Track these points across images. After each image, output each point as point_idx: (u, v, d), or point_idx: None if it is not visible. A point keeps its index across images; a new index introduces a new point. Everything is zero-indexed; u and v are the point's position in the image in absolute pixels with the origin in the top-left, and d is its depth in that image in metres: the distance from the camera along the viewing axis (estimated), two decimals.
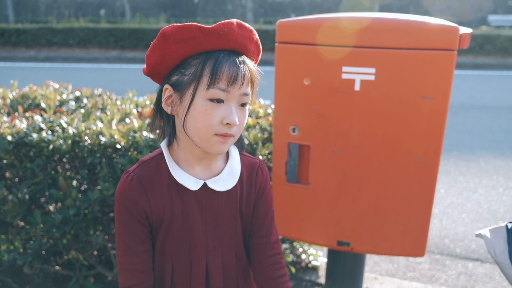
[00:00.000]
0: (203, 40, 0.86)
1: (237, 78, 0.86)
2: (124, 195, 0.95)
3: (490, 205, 3.47)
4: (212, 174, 0.98)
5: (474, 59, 10.32)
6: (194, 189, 0.95)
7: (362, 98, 1.47)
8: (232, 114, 0.87)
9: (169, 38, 0.87)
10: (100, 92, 2.64)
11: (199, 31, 0.86)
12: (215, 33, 0.86)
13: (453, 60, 1.41)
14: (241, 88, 0.88)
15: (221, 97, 0.87)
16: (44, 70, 9.23)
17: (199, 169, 0.97)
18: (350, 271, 1.82)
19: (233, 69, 0.86)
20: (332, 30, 1.46)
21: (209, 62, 0.86)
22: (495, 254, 1.12)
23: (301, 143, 1.57)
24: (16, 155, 1.89)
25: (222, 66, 0.86)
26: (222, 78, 0.86)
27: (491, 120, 5.81)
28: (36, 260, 2.00)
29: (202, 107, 0.87)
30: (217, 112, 0.87)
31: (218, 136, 0.89)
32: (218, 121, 0.87)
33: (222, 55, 0.87)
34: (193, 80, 0.87)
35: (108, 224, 2.00)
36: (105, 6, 15.42)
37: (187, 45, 0.87)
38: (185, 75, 0.89)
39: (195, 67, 0.87)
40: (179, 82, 0.90)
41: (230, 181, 0.99)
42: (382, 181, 1.53)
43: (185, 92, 0.89)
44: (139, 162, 0.99)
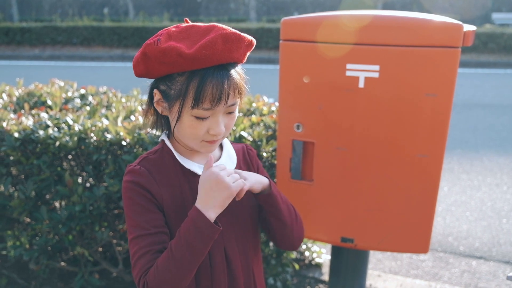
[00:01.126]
0: (185, 65, 0.86)
1: (220, 99, 0.88)
2: (134, 181, 0.95)
3: (494, 203, 3.47)
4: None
5: (478, 57, 10.27)
6: (200, 173, 0.98)
7: (366, 95, 1.48)
8: (218, 126, 0.92)
9: (150, 58, 0.88)
10: (105, 90, 2.65)
11: (179, 56, 0.85)
12: (196, 59, 0.85)
13: (457, 57, 1.42)
14: (226, 103, 0.90)
15: (206, 115, 0.90)
16: (48, 69, 9.27)
17: (199, 157, 1.02)
18: (354, 268, 1.83)
19: (216, 89, 0.86)
20: (336, 28, 1.46)
21: (193, 83, 0.87)
22: None
23: (305, 140, 1.58)
24: (23, 151, 1.91)
25: (206, 89, 0.86)
26: (206, 101, 0.87)
27: (495, 118, 5.79)
28: (42, 256, 2.02)
29: (188, 122, 0.91)
30: (203, 126, 0.91)
31: (204, 142, 0.94)
32: (204, 132, 0.92)
33: (206, 75, 0.86)
34: (179, 98, 0.89)
35: (113, 220, 2.02)
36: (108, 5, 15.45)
37: (170, 67, 0.88)
38: (171, 89, 0.91)
39: (180, 85, 0.89)
40: (167, 94, 0.92)
41: (230, 164, 1.04)
42: (386, 178, 1.53)
43: (172, 105, 0.92)
44: (141, 157, 1.01)
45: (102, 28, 11.51)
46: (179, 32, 0.91)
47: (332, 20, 1.48)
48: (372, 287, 2.36)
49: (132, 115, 2.07)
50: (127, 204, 0.96)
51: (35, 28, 11.58)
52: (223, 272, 1.02)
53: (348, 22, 1.46)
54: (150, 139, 1.77)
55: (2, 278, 2.30)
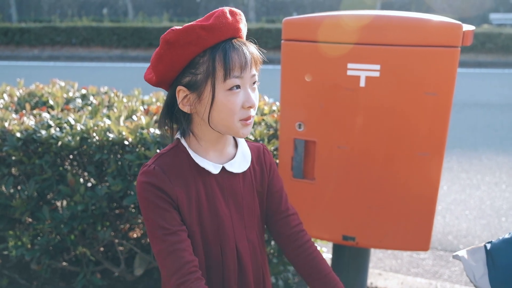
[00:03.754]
0: (207, 37, 0.89)
1: (246, 62, 0.91)
2: (149, 182, 0.95)
3: (493, 201, 3.48)
4: (226, 159, 1.03)
5: (476, 57, 10.31)
6: (215, 172, 0.99)
7: (367, 94, 1.49)
8: (250, 97, 0.94)
9: (174, 44, 0.89)
10: (106, 90, 2.66)
11: (203, 29, 0.88)
12: (216, 28, 0.89)
13: (456, 56, 1.43)
14: (251, 70, 0.93)
15: (238, 83, 0.92)
16: (48, 69, 9.26)
17: (214, 156, 1.02)
18: (355, 266, 1.84)
19: (241, 55, 0.91)
20: (338, 28, 1.47)
21: (218, 56, 0.90)
22: (475, 279, 1.05)
23: (306, 139, 1.59)
24: (25, 151, 1.92)
25: (232, 56, 0.90)
26: (235, 67, 0.90)
27: (494, 117, 5.81)
28: (43, 256, 2.03)
29: (225, 98, 0.91)
30: (238, 99, 0.93)
31: (242, 121, 0.94)
32: (240, 107, 0.93)
33: (227, 45, 0.91)
34: (208, 77, 0.90)
35: (115, 220, 2.03)
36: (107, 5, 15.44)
37: (194, 46, 0.89)
38: (197, 74, 0.92)
39: (206, 64, 0.90)
40: (193, 82, 0.92)
41: (244, 163, 1.05)
42: (386, 176, 1.54)
43: (203, 90, 0.92)
44: (156, 155, 1.00)
45: (101, 28, 11.51)
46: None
47: (333, 20, 1.49)
48: (373, 285, 2.37)
49: (134, 115, 2.08)
50: (143, 205, 0.96)
51: (34, 29, 11.57)
52: (233, 269, 1.03)
53: (349, 22, 1.47)
54: (153, 138, 1.78)
55: (4, 278, 2.30)
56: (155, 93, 2.49)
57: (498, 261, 1.03)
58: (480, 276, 1.04)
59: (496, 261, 1.03)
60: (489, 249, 1.06)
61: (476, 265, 1.05)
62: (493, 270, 1.03)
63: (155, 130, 1.82)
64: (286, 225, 1.12)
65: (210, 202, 1.00)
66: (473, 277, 1.05)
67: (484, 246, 1.07)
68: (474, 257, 1.07)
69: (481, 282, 1.04)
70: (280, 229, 1.13)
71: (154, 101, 2.38)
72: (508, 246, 1.03)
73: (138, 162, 1.76)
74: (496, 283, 1.02)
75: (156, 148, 1.75)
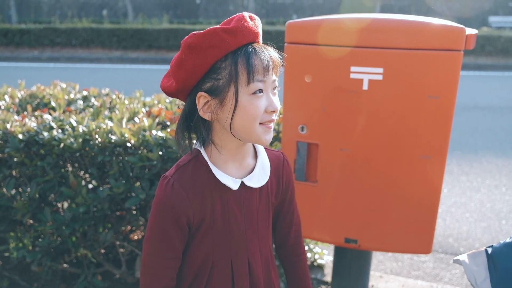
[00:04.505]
0: (229, 40, 0.88)
1: (269, 66, 0.90)
2: (165, 202, 0.94)
3: (493, 204, 3.49)
4: (245, 172, 1.01)
5: (476, 60, 10.33)
6: (235, 188, 0.97)
7: (370, 97, 1.49)
8: (273, 101, 0.92)
9: (196, 48, 0.88)
10: (107, 91, 2.66)
11: (225, 32, 0.88)
12: (238, 31, 0.88)
13: (459, 60, 1.44)
14: (272, 74, 0.92)
15: (261, 87, 0.90)
16: (48, 70, 9.26)
17: (233, 168, 0.99)
18: (357, 269, 1.84)
19: (263, 59, 0.90)
20: (341, 31, 1.48)
21: (241, 60, 0.89)
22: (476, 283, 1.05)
23: (309, 142, 1.60)
24: (27, 153, 1.92)
25: (254, 59, 0.89)
26: (258, 70, 0.89)
27: (494, 120, 5.82)
28: (44, 257, 2.02)
29: (248, 103, 0.90)
30: (261, 103, 0.91)
31: (263, 125, 0.92)
32: (262, 111, 0.91)
33: (249, 49, 0.90)
34: (231, 81, 0.89)
35: (116, 222, 2.02)
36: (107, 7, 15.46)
37: (216, 49, 0.88)
38: (219, 79, 0.90)
39: (228, 69, 0.89)
40: (214, 88, 0.90)
41: (263, 176, 1.02)
42: (389, 179, 1.55)
43: (225, 95, 0.90)
44: (176, 166, 0.98)
45: (101, 29, 11.51)
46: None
47: (337, 23, 1.49)
48: None
49: (136, 117, 2.08)
50: (153, 221, 0.97)
51: (34, 30, 11.57)
52: (245, 281, 1.03)
53: (352, 25, 1.47)
54: (155, 140, 1.78)
55: (4, 280, 2.29)
56: (157, 95, 2.49)
57: (499, 265, 1.03)
58: (482, 280, 1.04)
59: (498, 265, 1.03)
60: (491, 253, 1.06)
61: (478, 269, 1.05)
62: (494, 274, 1.03)
63: (158, 132, 1.82)
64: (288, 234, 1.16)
65: (225, 219, 0.99)
66: (474, 281, 1.05)
67: (485, 250, 1.07)
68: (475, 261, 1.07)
69: (483, 286, 1.04)
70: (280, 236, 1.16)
71: (156, 103, 2.38)
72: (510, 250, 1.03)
73: (140, 164, 1.76)
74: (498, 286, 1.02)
75: (159, 150, 1.75)
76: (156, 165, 1.77)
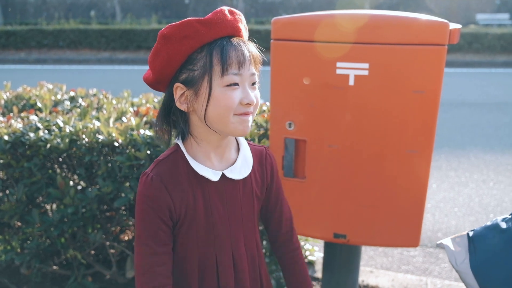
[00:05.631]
0: (204, 32, 0.88)
1: (244, 59, 0.90)
2: (146, 194, 0.94)
3: (481, 199, 3.54)
4: (227, 164, 1.01)
5: (463, 57, 10.46)
6: (215, 179, 0.97)
7: (356, 93, 1.51)
8: (249, 94, 0.92)
9: (171, 38, 0.89)
10: (95, 92, 2.64)
11: (200, 23, 0.88)
12: (214, 22, 0.89)
13: (443, 54, 1.45)
14: (250, 68, 0.92)
15: (236, 80, 0.90)
16: (35, 72, 9.15)
17: (215, 161, 0.99)
18: (347, 264, 1.86)
19: (239, 52, 0.90)
20: (327, 27, 1.49)
21: (215, 52, 0.89)
22: (456, 263, 1.09)
23: (297, 138, 1.60)
24: (13, 154, 1.90)
25: (230, 52, 0.89)
26: (233, 63, 0.89)
27: (481, 116, 5.90)
28: (33, 260, 2.00)
29: (221, 94, 0.90)
30: (235, 95, 0.90)
31: (238, 115, 0.92)
32: (237, 103, 0.91)
33: (224, 42, 0.90)
34: (205, 73, 0.89)
35: (106, 222, 2.01)
36: (95, 7, 15.33)
37: (191, 40, 0.89)
38: (194, 70, 0.91)
39: (203, 60, 0.89)
40: (190, 79, 0.91)
41: (245, 168, 1.03)
42: (376, 173, 1.56)
43: (200, 86, 0.90)
44: (155, 162, 0.99)
45: (89, 30, 11.42)
46: None
47: (322, 19, 1.50)
48: (364, 283, 2.39)
49: (124, 116, 2.07)
50: (138, 217, 0.96)
51: (20, 31, 11.43)
52: (230, 277, 1.02)
53: (338, 21, 1.48)
54: (143, 139, 1.77)
55: None
56: (145, 94, 2.48)
57: (479, 246, 1.07)
58: (462, 261, 1.08)
59: (477, 246, 1.07)
60: (472, 235, 1.10)
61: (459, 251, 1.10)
62: (474, 255, 1.07)
63: (145, 131, 1.81)
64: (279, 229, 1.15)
65: (207, 212, 0.99)
66: (454, 262, 1.09)
67: (467, 234, 1.12)
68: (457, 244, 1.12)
69: (462, 267, 1.08)
70: (273, 231, 1.16)
71: (144, 103, 2.37)
72: (489, 232, 1.08)
73: (128, 163, 1.75)
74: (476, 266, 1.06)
75: (147, 149, 1.74)
76: (144, 164, 1.76)
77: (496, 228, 1.06)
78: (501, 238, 1.03)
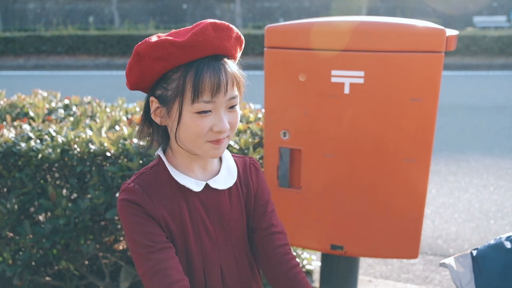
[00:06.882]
0: (179, 54, 0.84)
1: (219, 87, 0.84)
2: (129, 199, 0.91)
3: (481, 204, 3.50)
4: (211, 175, 0.98)
5: (461, 60, 10.46)
6: (197, 190, 0.94)
7: (352, 101, 1.48)
8: (221, 121, 0.87)
9: (144, 57, 0.86)
10: (89, 99, 2.61)
11: (173, 46, 0.83)
12: (190, 45, 0.83)
13: (440, 62, 1.43)
14: (226, 94, 0.86)
15: (207, 108, 0.86)
16: (33, 78, 9.14)
17: (198, 172, 0.96)
18: (344, 275, 1.82)
19: (214, 79, 0.84)
20: (321, 34, 1.46)
21: (189, 76, 0.84)
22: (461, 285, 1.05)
23: (292, 147, 1.57)
24: (4, 165, 1.86)
25: (203, 79, 0.83)
26: (205, 91, 0.84)
27: (480, 119, 5.88)
28: (25, 271, 1.97)
29: (191, 121, 0.86)
30: (206, 122, 0.86)
31: (210, 142, 0.88)
32: (208, 130, 0.87)
33: (201, 65, 0.84)
34: (177, 96, 0.86)
35: (99, 232, 1.98)
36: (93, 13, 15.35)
37: (164, 62, 0.85)
38: (168, 90, 0.87)
39: (177, 81, 0.86)
40: (163, 97, 0.88)
41: (229, 178, 0.99)
42: (373, 184, 1.53)
43: (171, 107, 0.87)
44: (136, 174, 0.96)
45: (87, 36, 11.42)
46: (169, 34, 0.91)
47: (316, 27, 1.48)
48: None
49: (117, 125, 2.04)
50: (125, 224, 0.92)
51: (19, 38, 11.43)
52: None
53: (333, 29, 1.46)
54: (135, 149, 1.74)
55: None
56: (139, 102, 2.45)
57: (483, 267, 1.03)
58: (467, 283, 1.04)
59: (482, 267, 1.04)
60: (475, 255, 1.06)
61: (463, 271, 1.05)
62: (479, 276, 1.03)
63: (138, 141, 1.78)
64: (268, 244, 1.02)
65: (193, 223, 0.95)
66: (459, 284, 1.05)
67: (471, 253, 1.08)
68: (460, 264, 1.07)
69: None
70: (262, 248, 1.03)
71: (138, 111, 2.34)
72: (493, 252, 1.04)
73: (121, 174, 1.72)
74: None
75: (139, 159, 1.71)
76: None
77: (500, 248, 1.02)
78: (505, 258, 1.00)
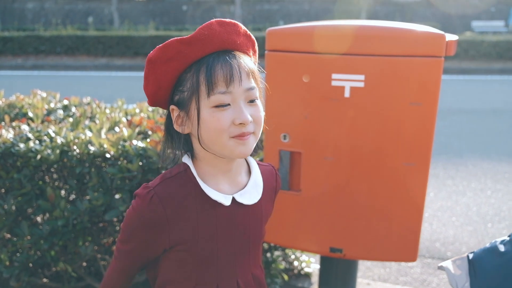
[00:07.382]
0: (188, 51, 0.84)
1: (232, 75, 0.83)
2: (141, 214, 0.88)
3: (479, 208, 3.51)
4: (238, 188, 0.95)
5: (460, 64, 10.50)
6: (227, 204, 0.90)
7: (352, 105, 1.48)
8: (242, 112, 0.83)
9: (156, 62, 0.86)
10: (88, 100, 2.61)
11: (180, 44, 0.84)
12: (197, 40, 0.84)
13: (440, 66, 1.43)
14: (242, 84, 0.84)
15: (225, 101, 0.83)
16: (32, 78, 9.13)
17: (225, 184, 0.93)
18: (343, 278, 1.82)
19: (225, 68, 0.83)
20: (322, 38, 1.46)
21: (202, 70, 0.84)
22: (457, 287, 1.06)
23: (292, 150, 1.57)
24: (3, 165, 1.86)
25: (215, 69, 0.83)
26: (219, 81, 0.82)
27: (478, 123, 5.90)
28: (23, 272, 1.96)
29: (210, 116, 0.83)
30: (226, 115, 0.83)
31: (235, 138, 0.84)
32: (229, 124, 0.83)
33: (211, 58, 0.84)
34: (193, 93, 0.85)
35: (97, 234, 1.97)
36: (93, 14, 15.35)
37: (175, 62, 0.85)
38: (184, 91, 0.87)
39: (190, 80, 0.85)
40: (181, 100, 0.87)
41: (255, 193, 0.96)
42: (373, 187, 1.53)
43: (189, 108, 0.86)
44: (162, 178, 0.91)
45: (87, 37, 11.42)
46: None
47: (317, 31, 1.48)
48: None
49: (117, 126, 2.04)
50: (125, 229, 0.92)
51: (18, 37, 11.41)
52: None
53: (333, 32, 1.46)
54: (135, 151, 1.73)
55: None
56: (139, 103, 2.45)
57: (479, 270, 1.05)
58: (463, 285, 1.06)
59: (477, 270, 1.05)
60: (471, 258, 1.08)
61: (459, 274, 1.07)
62: (474, 279, 1.05)
63: (138, 142, 1.78)
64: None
65: (213, 239, 0.92)
66: (456, 286, 1.07)
67: (467, 256, 1.10)
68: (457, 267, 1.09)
69: None
70: None
71: (138, 112, 2.34)
72: (488, 255, 1.06)
73: (120, 175, 1.71)
74: None
75: (139, 161, 1.71)
76: (137, 176, 1.73)
77: (495, 251, 1.04)
78: (499, 261, 1.01)
